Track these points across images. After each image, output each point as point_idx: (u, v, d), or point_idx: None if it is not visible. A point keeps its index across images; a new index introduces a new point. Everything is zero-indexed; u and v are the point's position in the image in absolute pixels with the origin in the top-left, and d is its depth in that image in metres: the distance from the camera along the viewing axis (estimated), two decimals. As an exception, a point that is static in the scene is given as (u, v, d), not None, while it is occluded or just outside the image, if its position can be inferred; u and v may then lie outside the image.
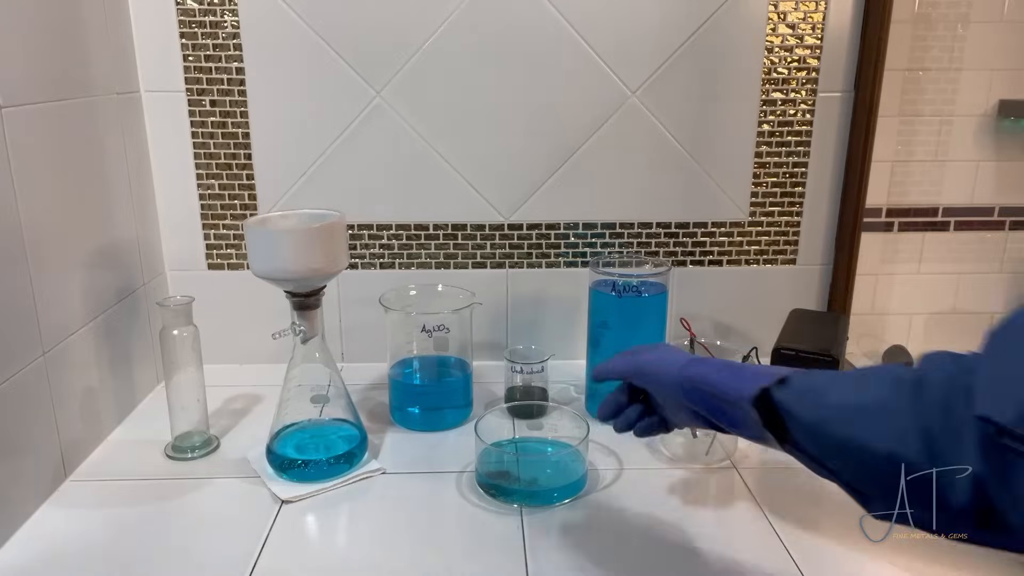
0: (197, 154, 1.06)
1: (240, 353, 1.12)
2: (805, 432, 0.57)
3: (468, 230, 1.11)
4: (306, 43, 1.02)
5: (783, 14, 1.04)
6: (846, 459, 0.56)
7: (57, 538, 0.74)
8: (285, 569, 0.70)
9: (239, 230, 1.09)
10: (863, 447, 0.54)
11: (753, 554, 0.73)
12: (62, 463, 0.83)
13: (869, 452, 0.53)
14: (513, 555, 0.71)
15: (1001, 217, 1.16)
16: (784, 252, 1.14)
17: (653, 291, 0.97)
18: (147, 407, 1.02)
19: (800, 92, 1.07)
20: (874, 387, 0.55)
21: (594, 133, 1.07)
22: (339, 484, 0.83)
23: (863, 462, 0.54)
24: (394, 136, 1.06)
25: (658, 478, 0.85)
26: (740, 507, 0.80)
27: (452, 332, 0.96)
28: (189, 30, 1.02)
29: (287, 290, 0.81)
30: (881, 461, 0.53)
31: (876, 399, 0.54)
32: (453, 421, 0.97)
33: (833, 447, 0.56)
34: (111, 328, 0.95)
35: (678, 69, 1.05)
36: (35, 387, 0.79)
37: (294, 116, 1.05)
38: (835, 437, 0.55)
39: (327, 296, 0.86)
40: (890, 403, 0.53)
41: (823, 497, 0.81)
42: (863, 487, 0.56)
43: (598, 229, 1.12)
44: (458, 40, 1.03)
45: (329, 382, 0.87)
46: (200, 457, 0.89)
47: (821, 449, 0.57)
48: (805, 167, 1.10)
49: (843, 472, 0.57)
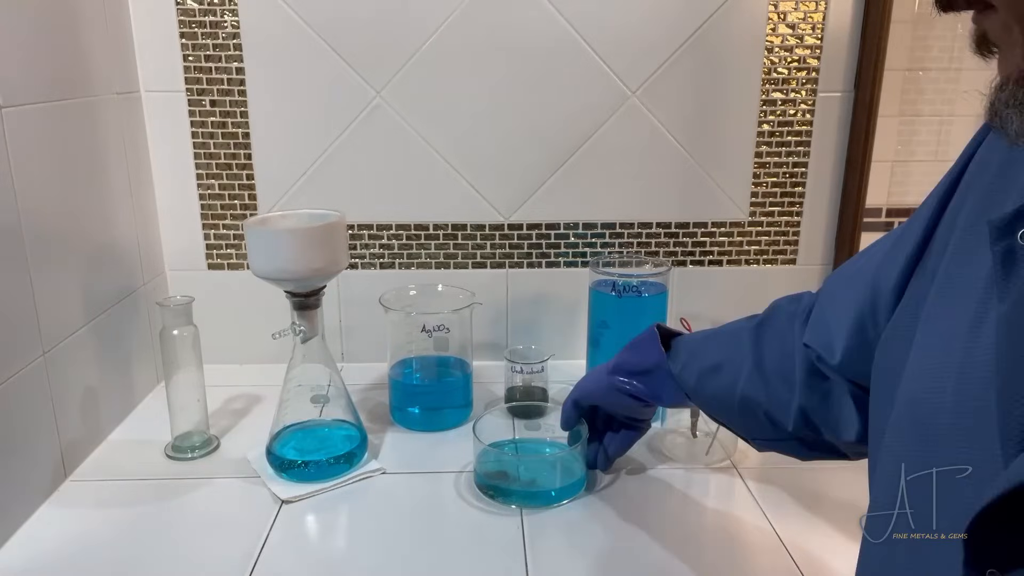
0: (197, 154, 1.06)
1: (240, 353, 1.12)
2: (691, 392, 0.72)
3: (468, 230, 1.11)
4: (306, 43, 1.02)
5: (783, 14, 1.04)
6: (720, 409, 0.71)
7: (57, 538, 0.74)
8: (285, 569, 0.70)
9: (239, 230, 1.09)
10: (724, 397, 0.68)
11: (753, 554, 0.73)
12: (62, 463, 0.83)
13: (729, 400, 0.67)
14: (513, 555, 0.71)
15: (1001, 217, 1.15)
16: (784, 252, 1.14)
17: (653, 291, 0.97)
18: (147, 407, 1.02)
19: (800, 92, 1.07)
20: (725, 343, 0.70)
21: (594, 133, 1.07)
22: (339, 484, 0.83)
23: (730, 408, 0.68)
24: (394, 136, 1.06)
25: (658, 478, 0.85)
26: (740, 507, 0.80)
27: (452, 332, 0.96)
28: (189, 30, 1.02)
29: (287, 290, 0.81)
30: (738, 405, 0.66)
31: (726, 355, 0.69)
32: (453, 421, 0.96)
33: (708, 400, 0.71)
34: (111, 328, 0.95)
35: (678, 69, 1.05)
36: (35, 387, 0.79)
37: (294, 116, 1.05)
38: (706, 393, 0.71)
39: (327, 296, 0.86)
40: (735, 355, 0.68)
41: (823, 497, 0.81)
42: (740, 431, 0.71)
43: (598, 229, 1.12)
44: (458, 40, 1.03)
45: (329, 382, 0.87)
46: (200, 457, 0.89)
47: (704, 404, 0.72)
48: (805, 167, 1.10)
49: (725, 420, 0.72)
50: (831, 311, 0.58)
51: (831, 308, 0.58)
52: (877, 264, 0.52)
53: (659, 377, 0.75)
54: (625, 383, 0.77)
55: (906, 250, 0.48)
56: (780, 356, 0.64)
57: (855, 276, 0.55)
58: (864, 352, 0.52)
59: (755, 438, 0.69)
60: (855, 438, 0.56)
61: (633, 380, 0.77)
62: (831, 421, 0.59)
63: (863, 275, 0.53)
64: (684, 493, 0.82)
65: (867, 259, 0.55)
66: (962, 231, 0.42)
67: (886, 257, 0.51)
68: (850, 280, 0.56)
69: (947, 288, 0.42)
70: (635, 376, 0.77)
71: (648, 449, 0.90)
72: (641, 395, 0.77)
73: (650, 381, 0.76)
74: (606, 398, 0.80)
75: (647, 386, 0.76)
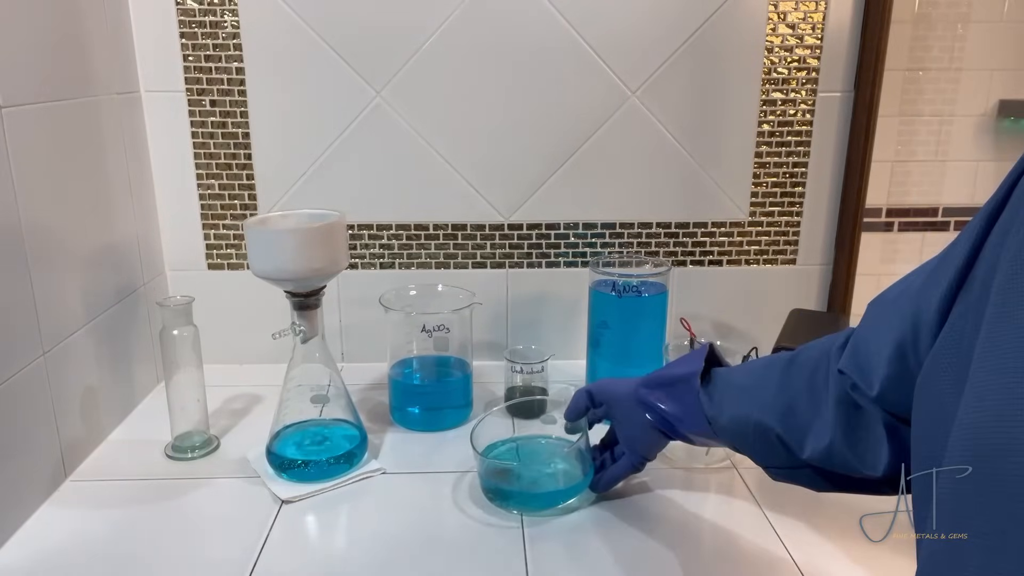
0: (197, 154, 1.06)
1: (240, 353, 1.12)
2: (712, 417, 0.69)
3: (468, 230, 1.11)
4: (306, 43, 1.02)
5: (783, 14, 1.04)
6: (736, 433, 0.68)
7: (57, 538, 0.74)
8: (285, 569, 0.70)
9: (239, 230, 1.09)
10: (741, 419, 0.66)
11: (753, 554, 0.73)
12: (62, 463, 0.83)
13: (746, 423, 0.65)
14: (513, 555, 0.71)
15: (1001, 217, 1.15)
16: (784, 252, 1.14)
17: (653, 291, 0.97)
18: (147, 407, 1.02)
19: (800, 92, 1.07)
20: (755, 370, 0.68)
21: (594, 133, 1.07)
22: (339, 484, 0.83)
23: (745, 432, 0.66)
24: (394, 136, 1.06)
25: (658, 478, 0.85)
26: (740, 507, 0.80)
27: (452, 332, 0.96)
28: (189, 30, 1.02)
29: (287, 290, 0.81)
30: (753, 429, 0.65)
31: (754, 379, 0.67)
32: (453, 421, 0.96)
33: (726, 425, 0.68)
34: (111, 328, 0.95)
35: (678, 69, 1.05)
36: (35, 387, 0.79)
37: (294, 116, 1.05)
38: (725, 416, 0.68)
39: (327, 296, 0.86)
40: (762, 380, 0.66)
41: (823, 497, 0.81)
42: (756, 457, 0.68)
43: (598, 229, 1.12)
44: (458, 40, 1.03)
45: (329, 382, 0.87)
46: (200, 457, 0.89)
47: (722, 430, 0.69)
48: (805, 167, 1.10)
49: (741, 446, 0.69)
50: (871, 338, 0.54)
51: (871, 335, 0.55)
52: (918, 289, 0.49)
53: (685, 393, 0.71)
54: (647, 394, 0.74)
55: (949, 273, 0.44)
56: (808, 382, 0.62)
57: (895, 301, 0.52)
58: (904, 382, 0.49)
59: (770, 466, 0.67)
60: (882, 472, 0.54)
61: (658, 391, 0.73)
62: (859, 453, 0.56)
63: (903, 300, 0.50)
64: (684, 493, 0.82)
65: (907, 284, 0.52)
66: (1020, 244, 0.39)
67: (928, 280, 0.48)
68: (890, 305, 0.53)
69: (1010, 304, 0.38)
70: (662, 387, 0.73)
71: (648, 449, 0.90)
72: (660, 411, 0.73)
73: (675, 394, 0.72)
74: (621, 404, 0.77)
75: (671, 399, 0.72)
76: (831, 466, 0.59)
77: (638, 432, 0.76)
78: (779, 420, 0.63)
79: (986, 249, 0.43)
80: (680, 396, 0.72)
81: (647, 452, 0.78)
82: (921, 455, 0.44)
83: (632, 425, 0.76)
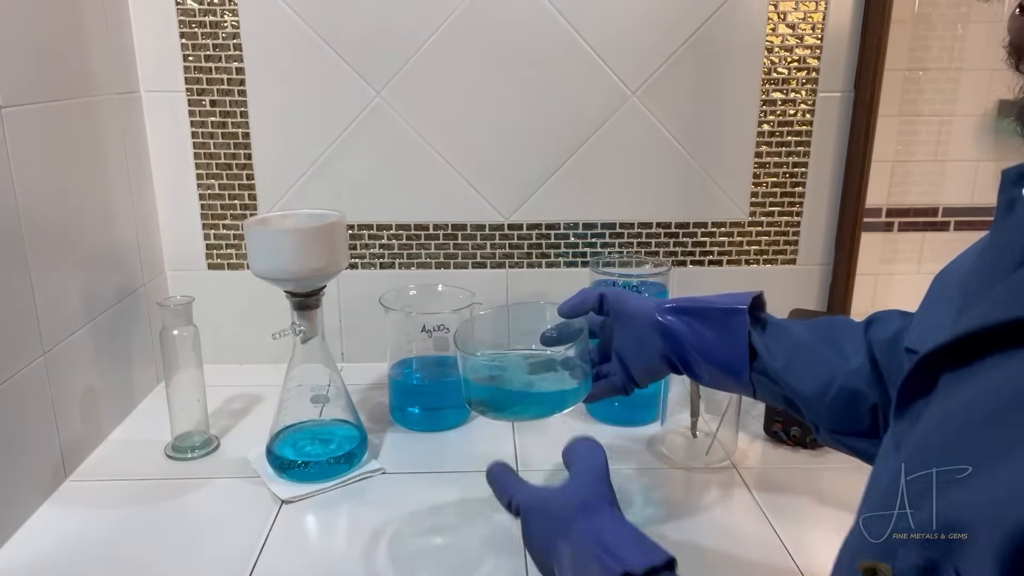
0: (197, 154, 1.06)
1: (240, 353, 1.12)
2: (775, 354, 0.63)
3: (468, 230, 1.11)
4: (306, 43, 1.02)
5: (783, 14, 1.04)
6: (800, 389, 0.61)
7: (57, 538, 0.74)
8: (285, 569, 0.70)
9: (239, 230, 1.09)
10: (818, 378, 0.60)
11: (753, 554, 0.73)
12: (62, 463, 0.83)
13: (824, 387, 0.60)
14: (513, 555, 0.71)
15: (1001, 217, 1.15)
16: (784, 252, 1.14)
17: (653, 291, 0.97)
18: (147, 407, 1.02)
19: (800, 92, 1.07)
20: (823, 327, 0.64)
21: (594, 133, 1.07)
22: (339, 484, 0.83)
23: (819, 395, 0.60)
24: (394, 136, 1.06)
25: (658, 478, 0.85)
26: (740, 507, 0.80)
27: (452, 332, 0.96)
28: (189, 30, 1.02)
29: (287, 290, 0.81)
30: (834, 392, 0.60)
31: (822, 337, 0.62)
32: (453, 421, 0.96)
33: (792, 379, 0.62)
34: (111, 328, 0.95)
35: (678, 69, 1.05)
36: (35, 387, 0.79)
37: (294, 116, 1.05)
38: (800, 363, 0.62)
39: (327, 296, 0.86)
40: (841, 340, 0.62)
41: (823, 497, 0.81)
42: (815, 416, 0.62)
43: (598, 229, 1.12)
44: (458, 40, 1.03)
45: (329, 382, 0.87)
46: (200, 457, 0.89)
47: (785, 372, 0.62)
48: (805, 167, 1.10)
49: (797, 400, 0.62)
50: (934, 308, 0.51)
51: (934, 306, 0.51)
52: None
53: (729, 327, 0.64)
54: (673, 320, 0.66)
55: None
56: (890, 357, 0.58)
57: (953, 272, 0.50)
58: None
59: (839, 431, 0.61)
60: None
61: (688, 318, 0.66)
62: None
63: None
64: (684, 493, 0.82)
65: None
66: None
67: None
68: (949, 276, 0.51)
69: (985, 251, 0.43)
70: (694, 315, 0.66)
71: (648, 449, 0.90)
72: (685, 340, 0.65)
73: (712, 325, 0.65)
74: (634, 322, 0.68)
75: (705, 329, 0.65)
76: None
77: (643, 357, 0.68)
78: (869, 386, 0.58)
79: None
80: (720, 328, 0.64)
81: (643, 379, 0.69)
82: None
83: (638, 348, 0.68)
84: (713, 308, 0.66)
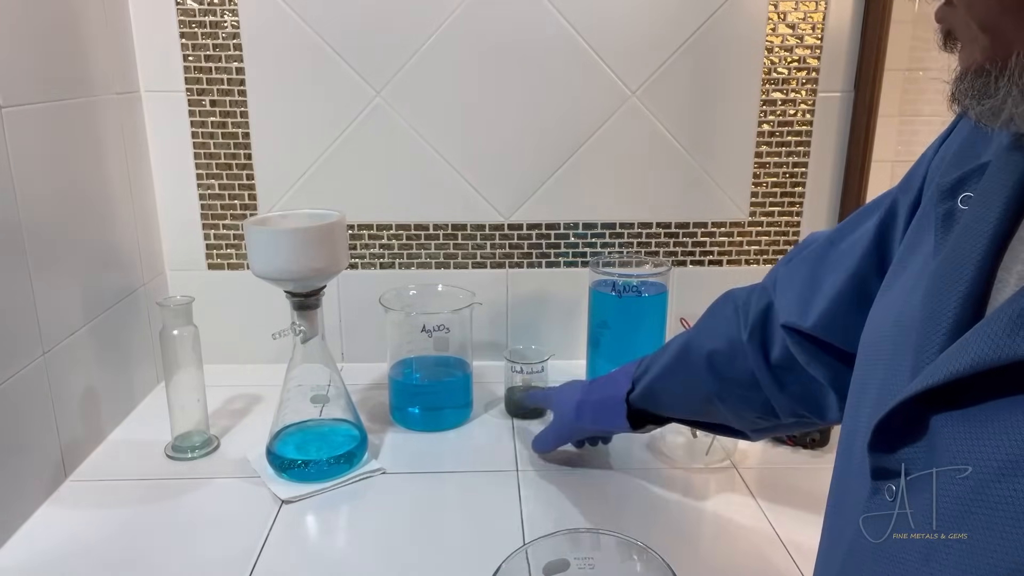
0: (197, 154, 1.06)
1: (240, 353, 1.12)
2: (660, 406, 0.74)
3: (468, 230, 1.11)
4: (306, 43, 1.02)
5: (783, 14, 1.04)
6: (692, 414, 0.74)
7: (57, 538, 0.74)
8: (285, 569, 0.70)
9: (239, 230, 1.09)
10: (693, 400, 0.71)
11: (753, 554, 0.73)
12: (62, 463, 0.83)
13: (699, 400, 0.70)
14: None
15: (1001, 217, 1.15)
16: (784, 252, 1.14)
17: (653, 291, 0.97)
18: (147, 407, 1.02)
19: (800, 92, 1.07)
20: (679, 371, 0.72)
21: (594, 133, 1.07)
22: (339, 484, 0.83)
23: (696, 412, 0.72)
24: (394, 136, 1.06)
25: (658, 478, 0.85)
26: (740, 507, 0.80)
27: (452, 332, 0.96)
28: (189, 30, 1.02)
29: (287, 290, 0.81)
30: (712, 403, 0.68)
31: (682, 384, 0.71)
32: (453, 421, 0.96)
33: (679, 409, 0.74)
34: (111, 328, 0.95)
35: (678, 69, 1.05)
36: (35, 387, 0.79)
37: (294, 116, 1.05)
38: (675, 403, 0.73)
39: (327, 296, 0.86)
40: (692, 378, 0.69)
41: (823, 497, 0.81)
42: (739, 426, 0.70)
43: (598, 229, 1.12)
44: (458, 40, 1.03)
45: (329, 382, 0.87)
46: (200, 457, 0.89)
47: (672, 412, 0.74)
48: (805, 167, 1.10)
49: (705, 421, 0.73)
50: (808, 281, 0.59)
51: (807, 278, 0.59)
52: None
53: (614, 412, 0.77)
54: (588, 429, 0.82)
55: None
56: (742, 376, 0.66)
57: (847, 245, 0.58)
58: (845, 317, 0.53)
59: (757, 429, 0.70)
60: (838, 418, 0.56)
61: (593, 415, 0.80)
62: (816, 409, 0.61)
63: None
64: (684, 493, 0.82)
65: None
66: (924, 204, 0.46)
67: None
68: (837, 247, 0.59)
69: (906, 256, 0.45)
70: (596, 410, 0.80)
71: (648, 449, 0.90)
72: (602, 434, 0.85)
73: (604, 413, 0.79)
74: (572, 437, 0.86)
75: (605, 419, 0.79)
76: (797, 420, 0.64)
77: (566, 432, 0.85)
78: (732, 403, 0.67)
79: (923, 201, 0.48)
80: (609, 418, 0.78)
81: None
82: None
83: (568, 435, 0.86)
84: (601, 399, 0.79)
